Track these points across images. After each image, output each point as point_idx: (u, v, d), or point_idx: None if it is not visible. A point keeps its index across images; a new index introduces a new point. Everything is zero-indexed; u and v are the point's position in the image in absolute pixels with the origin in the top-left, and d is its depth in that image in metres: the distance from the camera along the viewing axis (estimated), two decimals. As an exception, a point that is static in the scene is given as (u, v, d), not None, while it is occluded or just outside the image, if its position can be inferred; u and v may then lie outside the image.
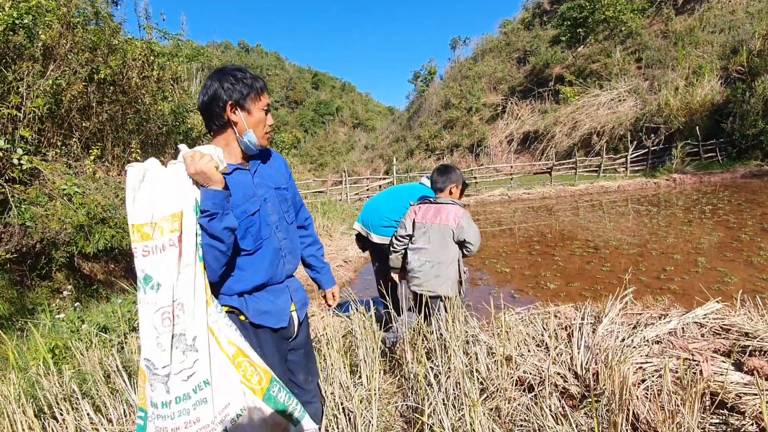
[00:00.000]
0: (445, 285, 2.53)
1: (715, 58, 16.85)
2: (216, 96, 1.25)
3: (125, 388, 2.07)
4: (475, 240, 2.52)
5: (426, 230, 2.57)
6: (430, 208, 2.61)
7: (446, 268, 2.53)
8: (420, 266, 2.57)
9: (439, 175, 2.64)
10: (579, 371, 2.20)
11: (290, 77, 70.19)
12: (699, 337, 2.33)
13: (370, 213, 3.17)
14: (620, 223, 8.09)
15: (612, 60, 21.07)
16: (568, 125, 20.72)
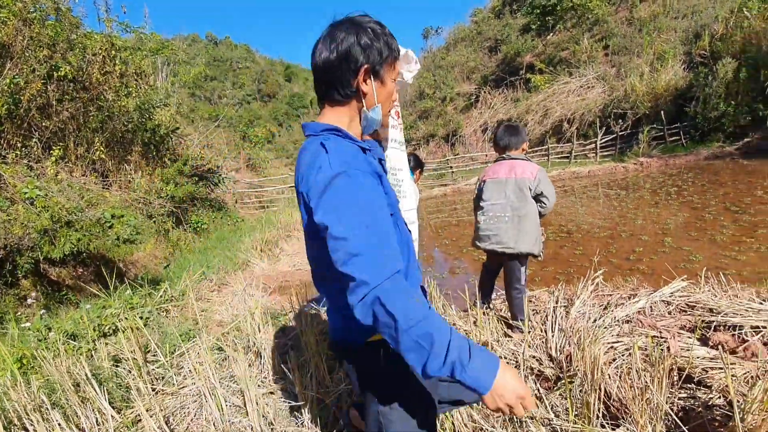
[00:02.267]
0: (527, 240, 2.42)
1: (678, 43, 17.38)
2: (349, 55, 0.94)
3: (96, 396, 2.00)
4: (551, 195, 2.43)
5: (503, 185, 2.49)
6: (503, 164, 2.53)
7: (528, 223, 2.42)
8: (496, 222, 2.47)
9: (509, 134, 2.57)
10: (553, 354, 2.25)
11: (261, 70, 68.74)
12: (666, 315, 2.41)
13: None
14: (591, 207, 8.31)
15: (580, 47, 21.45)
16: (539, 113, 21.06)
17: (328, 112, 1.02)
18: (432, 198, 13.22)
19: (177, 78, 9.61)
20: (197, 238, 7.97)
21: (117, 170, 7.43)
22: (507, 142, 2.56)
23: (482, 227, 2.57)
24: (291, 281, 5.05)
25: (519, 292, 2.56)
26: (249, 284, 4.38)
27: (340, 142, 0.96)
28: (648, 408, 1.63)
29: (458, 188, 13.76)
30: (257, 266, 5.39)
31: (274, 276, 5.11)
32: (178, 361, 2.49)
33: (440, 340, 0.80)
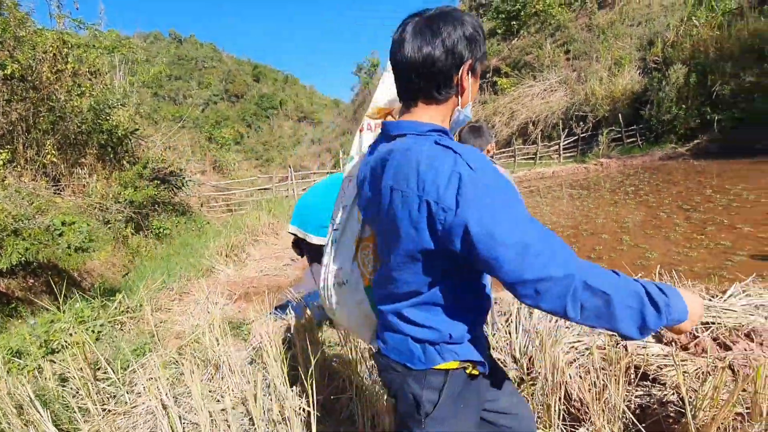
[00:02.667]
0: None
1: (633, 50, 18.19)
2: (455, 49, 0.86)
3: (40, 419, 1.86)
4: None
5: None
6: None
7: None
8: None
9: (473, 136, 2.42)
10: (517, 355, 2.27)
11: (228, 70, 67.19)
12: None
13: (306, 211, 2.79)
14: (556, 207, 8.54)
15: (543, 52, 22.11)
16: (506, 115, 21.55)
17: (420, 111, 0.93)
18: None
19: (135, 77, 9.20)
20: (159, 245, 7.65)
21: (70, 174, 7.02)
22: (471, 144, 2.56)
23: None
24: (258, 287, 4.92)
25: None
26: (212, 292, 4.23)
27: (456, 142, 0.88)
28: (606, 408, 1.65)
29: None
30: (222, 273, 5.22)
31: (240, 282, 4.95)
32: (130, 378, 2.35)
33: (640, 293, 0.77)
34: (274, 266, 5.46)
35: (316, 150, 41.18)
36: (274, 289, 4.83)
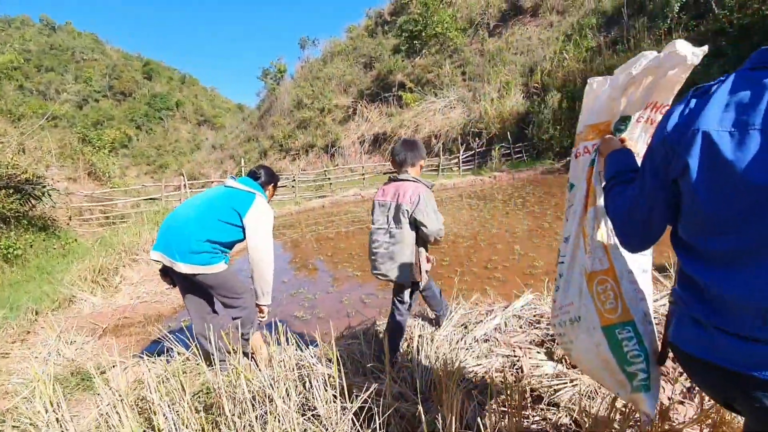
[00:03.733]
0: (397, 269, 2.32)
1: (518, 75, 20.22)
2: None
3: None
4: (431, 223, 2.25)
5: (384, 209, 2.40)
6: (391, 186, 2.43)
7: (401, 250, 2.31)
8: (377, 247, 2.39)
9: (406, 149, 2.44)
10: (419, 386, 2.13)
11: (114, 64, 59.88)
12: (518, 330, 2.50)
13: (173, 235, 2.33)
14: (456, 218, 8.92)
15: (443, 71, 23.50)
16: (411, 128, 22.37)
17: None
18: (310, 210, 12.82)
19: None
20: (8, 269, 6.23)
21: None
22: (403, 157, 2.44)
23: (371, 249, 2.45)
24: (132, 318, 4.18)
25: (401, 315, 2.50)
26: (68, 329, 3.45)
27: None
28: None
29: (336, 200, 13.63)
30: (86, 302, 4.34)
31: (109, 313, 4.16)
32: None
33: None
34: (154, 291, 4.71)
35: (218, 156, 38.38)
36: (153, 319, 4.15)
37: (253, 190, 2.49)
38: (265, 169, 2.66)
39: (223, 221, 2.36)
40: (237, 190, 2.47)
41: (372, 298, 4.56)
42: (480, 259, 5.51)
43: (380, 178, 17.47)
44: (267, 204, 2.52)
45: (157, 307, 4.44)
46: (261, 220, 2.41)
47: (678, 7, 14.09)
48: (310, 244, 7.89)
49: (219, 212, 2.36)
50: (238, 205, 2.39)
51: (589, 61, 16.53)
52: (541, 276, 4.43)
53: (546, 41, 20.44)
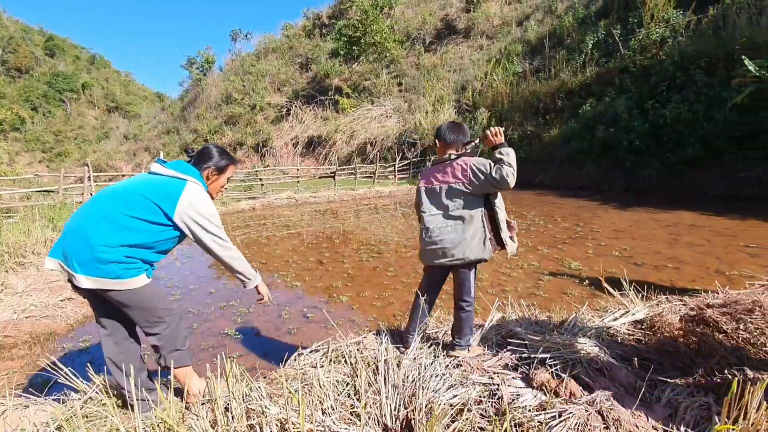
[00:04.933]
0: (470, 246, 2.15)
1: (451, 91, 20.99)
2: None
3: None
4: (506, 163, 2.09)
5: (436, 193, 2.25)
6: (436, 167, 2.30)
7: (467, 227, 2.16)
8: (438, 234, 2.20)
9: (452, 131, 2.32)
10: (389, 423, 1.85)
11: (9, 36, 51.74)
12: (488, 353, 2.34)
13: (74, 238, 1.77)
14: (395, 226, 8.80)
15: (380, 80, 23.64)
16: (347, 133, 22.10)
17: None
18: (239, 212, 11.90)
19: None
20: None
21: None
22: (453, 138, 2.31)
23: (428, 241, 2.27)
24: (15, 337, 3.34)
25: (470, 305, 2.31)
26: None
27: None
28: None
29: (268, 202, 12.85)
30: (-51, 319, 3.39)
31: (-18, 333, 3.28)
32: None
33: None
34: (45, 303, 3.84)
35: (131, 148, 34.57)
36: (43, 338, 3.36)
37: (184, 175, 1.92)
38: (205, 148, 2.08)
39: (141, 219, 1.79)
40: (162, 178, 1.90)
41: (315, 311, 4.18)
42: (401, 271, 5.37)
43: (316, 182, 16.91)
44: (202, 191, 1.94)
45: (48, 323, 3.61)
46: (197, 214, 1.87)
47: (591, 45, 15.62)
48: (241, 249, 7.21)
49: (135, 208, 1.79)
50: (160, 197, 1.82)
51: (515, 85, 17.65)
52: (487, 288, 4.40)
53: (477, 62, 21.51)
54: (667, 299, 2.80)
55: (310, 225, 9.40)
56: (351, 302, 4.38)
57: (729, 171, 9.36)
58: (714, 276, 4.37)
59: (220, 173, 2.09)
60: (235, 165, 2.16)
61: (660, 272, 4.61)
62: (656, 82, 11.75)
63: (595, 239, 6.28)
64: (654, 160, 10.82)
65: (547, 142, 14.84)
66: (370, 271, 5.44)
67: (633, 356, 2.18)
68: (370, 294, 4.60)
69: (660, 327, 2.35)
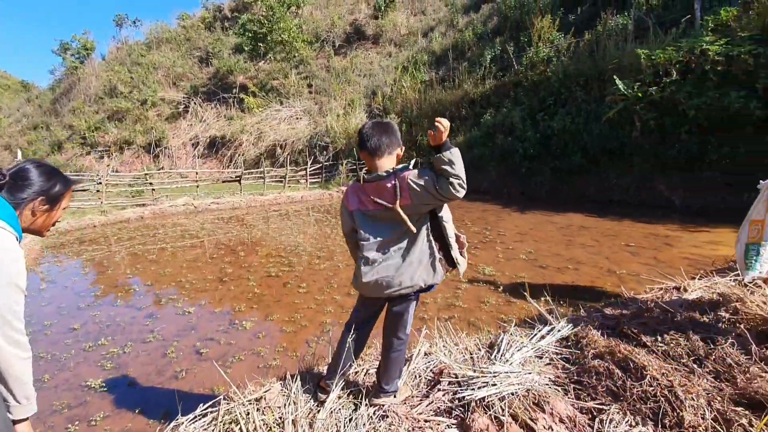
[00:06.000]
0: (413, 273, 1.78)
1: (362, 95, 20.88)
2: None
3: None
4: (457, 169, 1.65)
5: (367, 218, 1.83)
6: (370, 186, 1.80)
7: (412, 251, 1.79)
8: (376, 262, 1.80)
9: (380, 132, 1.79)
10: None
11: None
12: (417, 395, 2.01)
13: None
14: (308, 234, 8.23)
15: (289, 81, 22.63)
16: (254, 135, 20.70)
17: None
18: (123, 222, 10.21)
19: None
20: None
21: None
22: (377, 143, 1.78)
23: (365, 272, 1.83)
24: None
25: (403, 344, 1.92)
26: None
27: None
28: None
29: (161, 210, 11.27)
30: None
31: None
32: None
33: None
34: None
35: (-18, 145, 28.29)
36: None
37: None
38: (22, 170, 1.32)
39: None
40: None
41: (211, 345, 3.50)
42: (341, 284, 4.96)
43: (219, 186, 15.43)
44: (10, 246, 1.20)
45: None
46: None
47: (489, 59, 16.69)
48: (121, 269, 6.04)
49: None
50: None
51: (423, 92, 18.13)
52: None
53: (386, 68, 21.72)
54: (585, 310, 2.77)
55: (211, 235, 8.36)
56: (256, 329, 3.77)
57: (604, 178, 10.57)
58: (607, 276, 4.67)
59: (53, 206, 1.36)
60: (72, 188, 1.46)
61: (563, 274, 4.81)
62: (545, 96, 12.87)
63: (503, 243, 6.47)
64: (545, 167, 11.80)
65: (453, 148, 15.47)
66: (279, 289, 4.85)
67: (568, 382, 2.02)
68: (279, 316, 4.04)
69: (587, 344, 2.25)
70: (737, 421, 1.58)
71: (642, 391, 1.82)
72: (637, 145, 9.75)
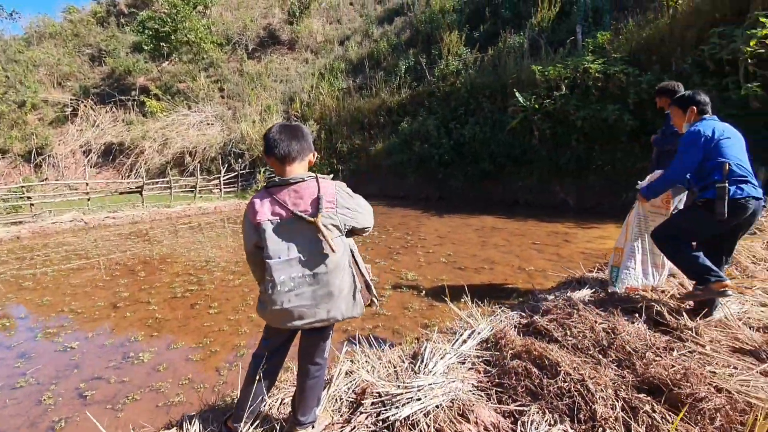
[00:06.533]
0: (338, 303, 1.57)
1: (279, 101, 20.16)
2: None
3: None
4: (367, 219, 1.69)
5: (286, 230, 1.54)
6: (284, 193, 1.55)
7: (335, 275, 1.56)
8: (293, 288, 1.53)
9: (289, 136, 1.59)
10: None
11: None
12: (339, 419, 1.83)
13: None
14: (222, 247, 7.58)
15: (198, 84, 21.04)
16: (159, 141, 18.82)
17: None
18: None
19: None
20: None
21: None
22: (286, 149, 1.58)
23: (280, 298, 1.55)
24: None
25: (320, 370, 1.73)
26: None
27: None
28: None
29: (42, 228, 9.62)
30: None
31: None
32: None
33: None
34: None
35: None
36: None
37: None
38: None
39: None
40: None
41: (98, 385, 2.95)
42: (228, 302, 4.57)
43: (117, 199, 13.68)
44: None
45: None
46: None
47: (404, 69, 17.18)
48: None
49: None
50: None
51: (341, 100, 18.05)
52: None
53: (303, 75, 21.26)
54: (501, 310, 2.83)
55: (105, 255, 7.29)
56: (156, 360, 3.28)
57: (509, 182, 11.41)
58: (519, 273, 4.95)
59: None
60: None
61: (480, 275, 4.99)
62: (456, 106, 13.57)
63: (424, 247, 6.57)
64: (459, 173, 12.41)
65: (373, 155, 15.55)
66: (186, 311, 4.32)
67: (490, 386, 2.00)
68: (185, 343, 3.57)
69: (505, 344, 2.27)
70: (642, 408, 1.66)
71: (558, 388, 1.85)
72: (536, 152, 10.68)
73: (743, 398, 1.72)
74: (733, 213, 2.32)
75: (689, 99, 2.64)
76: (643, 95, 8.39)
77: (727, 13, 7.97)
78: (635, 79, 8.57)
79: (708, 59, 7.64)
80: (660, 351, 2.09)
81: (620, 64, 8.84)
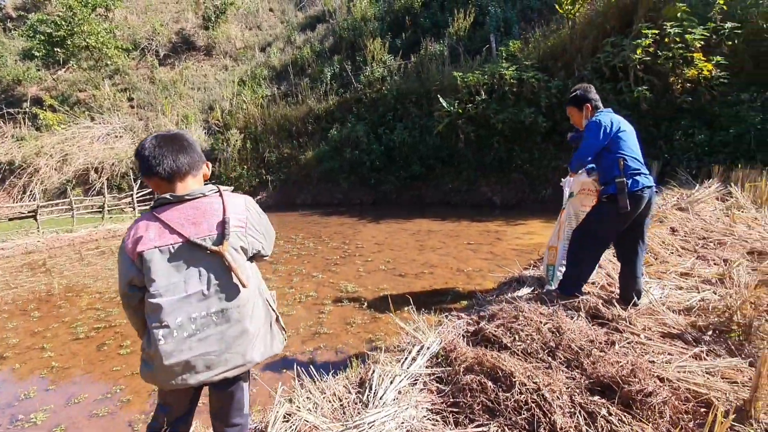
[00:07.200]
0: (257, 344, 1.28)
1: (197, 110, 18.76)
2: None
3: None
4: (273, 243, 1.43)
5: (184, 258, 1.21)
6: (178, 212, 1.23)
7: (251, 311, 1.27)
8: (197, 330, 1.20)
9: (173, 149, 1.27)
10: None
11: None
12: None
13: None
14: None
15: (102, 93, 18.87)
16: (56, 157, 16.50)
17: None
18: None
19: None
20: None
21: None
22: (172, 164, 1.28)
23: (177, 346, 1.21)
24: None
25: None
26: None
27: None
28: None
29: None
30: None
31: None
32: None
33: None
34: None
35: None
36: None
37: None
38: None
39: None
40: None
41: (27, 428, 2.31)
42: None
43: (5, 226, 11.65)
44: None
45: None
46: None
47: (330, 76, 16.93)
48: None
49: None
50: None
51: (266, 107, 17.27)
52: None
53: (223, 82, 20.04)
54: (448, 319, 2.72)
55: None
56: (53, 421, 2.68)
57: (440, 184, 11.69)
58: (458, 275, 4.95)
59: None
60: None
61: (421, 280, 4.91)
62: (384, 112, 13.63)
63: (362, 255, 6.37)
64: (391, 177, 12.44)
65: (303, 164, 15.05)
66: (91, 355, 3.65)
67: (445, 407, 1.85)
68: (89, 395, 2.98)
69: (456, 358, 2.14)
70: (599, 413, 1.61)
71: (515, 402, 1.75)
72: (463, 154, 11.05)
73: (683, 385, 1.75)
74: (634, 204, 2.51)
75: (582, 98, 2.83)
76: (552, 99, 9.05)
77: (616, 26, 8.91)
78: (545, 84, 9.22)
79: (604, 66, 8.46)
80: (603, 346, 2.11)
81: (531, 71, 9.46)
